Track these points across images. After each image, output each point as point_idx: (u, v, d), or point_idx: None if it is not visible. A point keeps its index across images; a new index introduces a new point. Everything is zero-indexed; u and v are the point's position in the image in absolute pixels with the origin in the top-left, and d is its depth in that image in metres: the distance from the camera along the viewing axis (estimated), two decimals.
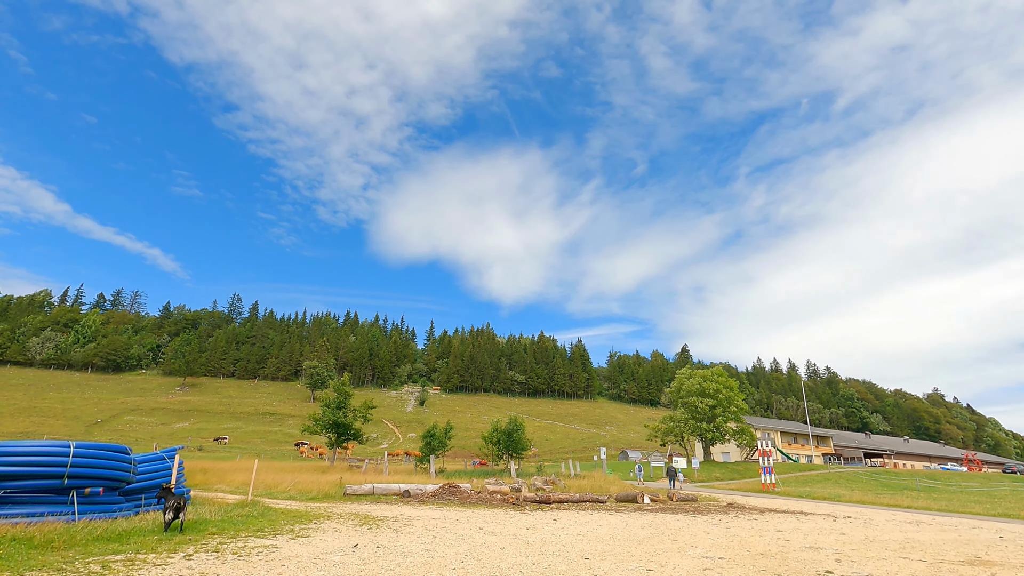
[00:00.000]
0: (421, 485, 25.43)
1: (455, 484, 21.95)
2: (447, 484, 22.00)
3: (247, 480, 30.82)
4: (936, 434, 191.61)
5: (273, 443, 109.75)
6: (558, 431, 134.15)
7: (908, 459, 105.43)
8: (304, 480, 30.20)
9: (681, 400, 73.33)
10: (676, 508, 21.63)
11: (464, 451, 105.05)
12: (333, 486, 26.55)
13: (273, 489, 27.18)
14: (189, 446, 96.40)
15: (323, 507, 18.51)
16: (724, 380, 72.17)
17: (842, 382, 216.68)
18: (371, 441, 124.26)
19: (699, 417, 69.22)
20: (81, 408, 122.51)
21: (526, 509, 19.16)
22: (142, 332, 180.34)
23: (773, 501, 29.53)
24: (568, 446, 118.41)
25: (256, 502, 17.15)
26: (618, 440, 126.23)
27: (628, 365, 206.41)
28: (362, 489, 24.08)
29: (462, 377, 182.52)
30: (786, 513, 20.78)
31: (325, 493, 24.78)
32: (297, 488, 26.15)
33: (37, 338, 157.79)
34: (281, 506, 18.15)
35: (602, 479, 40.52)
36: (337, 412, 52.08)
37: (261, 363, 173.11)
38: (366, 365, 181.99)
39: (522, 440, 61.25)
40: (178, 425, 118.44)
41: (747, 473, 63.60)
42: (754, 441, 70.32)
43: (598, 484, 35.86)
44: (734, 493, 37.52)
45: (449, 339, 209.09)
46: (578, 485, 34.57)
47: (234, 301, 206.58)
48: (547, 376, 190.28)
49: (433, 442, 60.00)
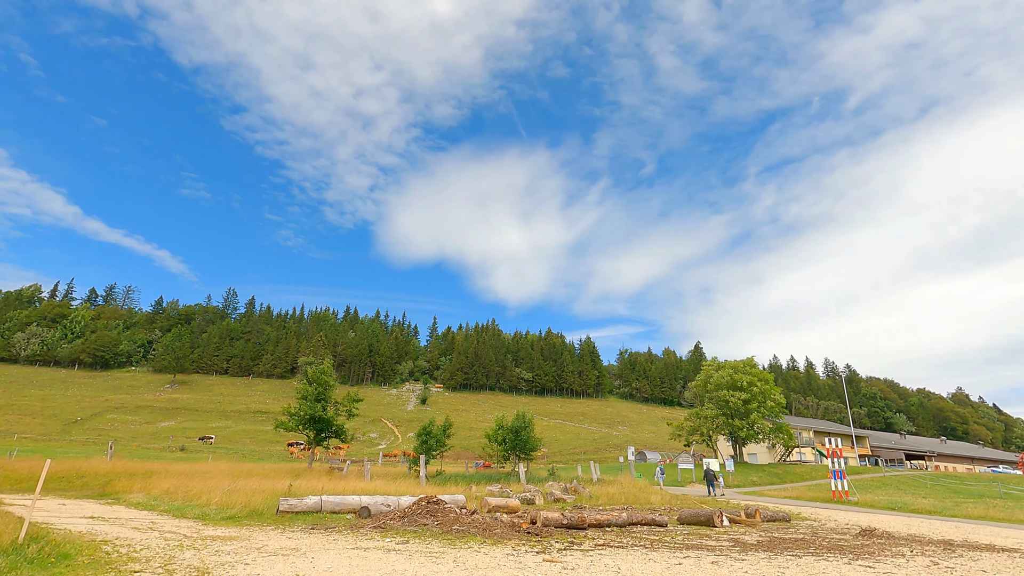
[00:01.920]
0: (394, 498, 17.72)
1: (437, 499, 14.11)
2: (426, 499, 14.18)
3: (181, 488, 23.39)
4: (964, 434, 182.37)
5: (263, 443, 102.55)
6: (568, 431, 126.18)
7: (950, 461, 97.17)
8: (246, 488, 22.63)
9: (709, 395, 65.47)
10: (785, 540, 13.67)
11: (467, 452, 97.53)
12: (272, 498, 18.87)
13: (192, 501, 19.77)
14: (171, 446, 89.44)
15: (188, 539, 10.72)
16: (758, 372, 64.30)
17: (863, 381, 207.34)
18: (369, 441, 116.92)
19: (730, 413, 61.30)
20: (62, 406, 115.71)
21: (550, 543, 11.33)
22: (133, 328, 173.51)
23: (882, 518, 21.60)
24: (579, 447, 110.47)
25: (43, 535, 9.34)
26: (632, 440, 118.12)
27: (640, 363, 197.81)
28: (304, 504, 16.42)
29: (466, 375, 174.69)
30: (966, 549, 12.88)
31: (252, 510, 17.14)
32: (220, 502, 18.48)
33: (22, 333, 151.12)
34: (120, 537, 10.39)
35: (632, 485, 32.65)
36: (315, 405, 44.38)
37: (256, 360, 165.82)
38: (366, 362, 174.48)
39: (531, 439, 53.48)
40: (163, 424, 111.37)
41: (787, 477, 55.69)
42: (792, 441, 62.25)
43: (630, 492, 28.04)
44: (802, 504, 29.53)
45: (453, 335, 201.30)
46: (607, 494, 26.73)
47: (229, 296, 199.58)
48: (555, 374, 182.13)
49: (430, 441, 52.26)
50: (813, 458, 77.13)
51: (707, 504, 24.57)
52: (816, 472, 59.10)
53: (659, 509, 20.36)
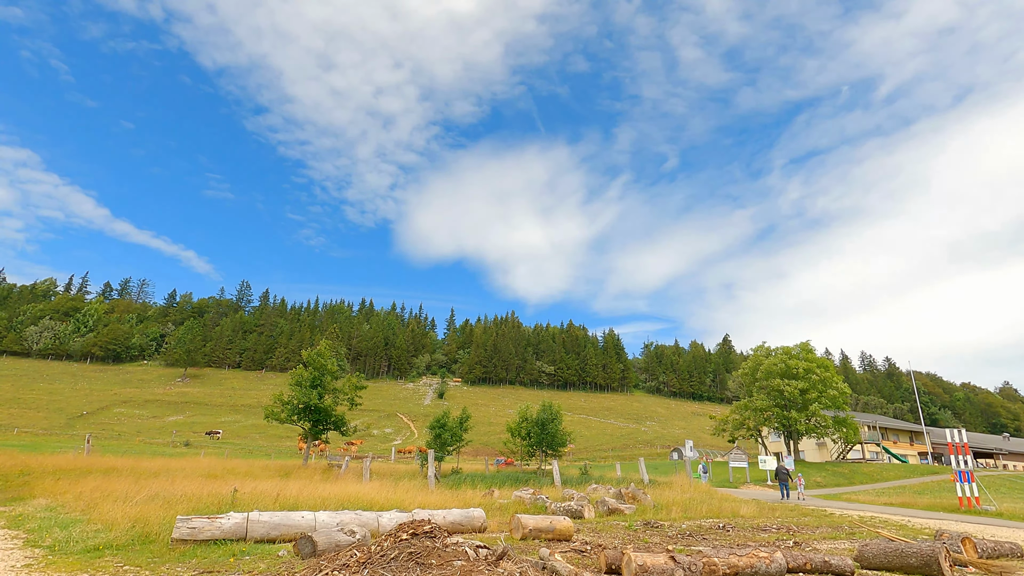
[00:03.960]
0: (372, 514, 11.19)
1: (431, 528, 7.24)
2: (413, 525, 7.35)
3: (100, 490, 17.32)
4: (1016, 431, 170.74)
5: (273, 438, 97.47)
6: (593, 426, 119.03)
7: (1015, 459, 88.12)
8: (184, 493, 16.45)
9: (758, 384, 58.03)
10: None
11: (486, 448, 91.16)
12: (193, 513, 12.43)
13: (90, 514, 13.57)
14: (174, 441, 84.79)
15: None
16: (815, 358, 56.69)
17: (903, 375, 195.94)
18: (384, 436, 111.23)
19: (785, 404, 53.78)
20: (69, 400, 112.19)
21: None
22: (147, 321, 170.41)
23: None
24: (606, 443, 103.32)
25: None
26: (663, 436, 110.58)
27: (666, 356, 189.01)
28: (218, 528, 9.89)
29: (485, 368, 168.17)
30: None
31: (139, 534, 10.68)
32: (108, 520, 12.08)
33: (35, 327, 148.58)
34: None
35: (695, 488, 25.65)
36: (310, 392, 38.14)
37: (269, 353, 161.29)
38: (381, 355, 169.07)
39: (559, 433, 46.86)
40: (171, 418, 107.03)
41: (855, 477, 48.08)
42: (856, 435, 54.42)
43: (701, 499, 21.05)
44: (928, 516, 22.14)
45: (471, 328, 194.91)
46: (675, 502, 19.79)
47: (243, 288, 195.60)
48: (578, 367, 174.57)
49: (444, 435, 45.96)
50: (876, 456, 69.05)
51: (811, 516, 17.07)
52: (888, 472, 51.31)
53: (778, 531, 13.34)
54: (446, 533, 8.01)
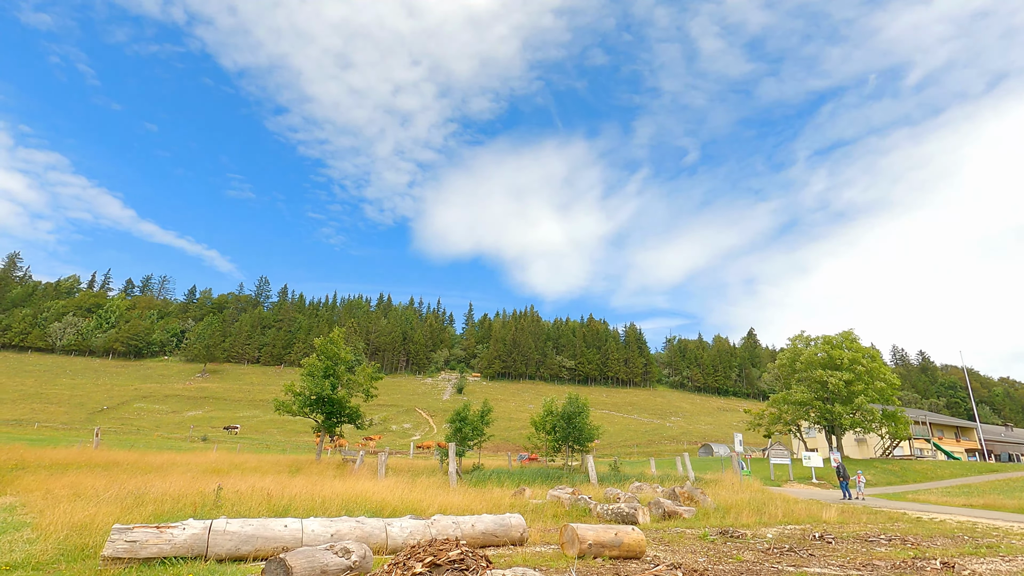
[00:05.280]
0: (377, 522, 8.49)
1: (461, 554, 4.37)
2: (432, 547, 4.50)
3: (75, 486, 15.14)
4: None
5: (291, 433, 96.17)
6: (617, 422, 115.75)
7: None
8: (164, 491, 14.06)
9: (797, 376, 54.36)
10: None
11: (507, 443, 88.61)
12: (159, 516, 9.90)
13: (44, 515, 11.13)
14: (192, 435, 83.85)
15: None
16: (860, 347, 52.91)
17: (938, 369, 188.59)
18: (403, 432, 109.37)
19: (828, 397, 50.15)
20: (90, 395, 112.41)
21: None
22: (167, 317, 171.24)
23: None
24: (631, 439, 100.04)
25: None
26: (689, 432, 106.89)
27: (690, 350, 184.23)
28: (167, 543, 7.25)
29: (504, 363, 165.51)
30: None
31: (70, 548, 8.11)
32: (52, 522, 9.58)
33: (59, 323, 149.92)
34: None
35: (749, 487, 22.63)
36: (323, 383, 35.82)
37: (287, 348, 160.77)
38: (399, 350, 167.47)
39: (587, 427, 43.92)
40: (190, 413, 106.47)
41: (907, 475, 44.42)
42: (907, 430, 50.51)
43: (764, 499, 18.09)
44: (1017, 518, 18.80)
45: (490, 323, 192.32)
46: (735, 503, 16.84)
47: (261, 284, 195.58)
48: (599, 362, 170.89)
49: (465, 428, 43.16)
50: (921, 452, 64.81)
51: (904, 521, 13.18)
52: (942, 469, 47.42)
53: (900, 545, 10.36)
54: (482, 558, 5.25)
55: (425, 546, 5.04)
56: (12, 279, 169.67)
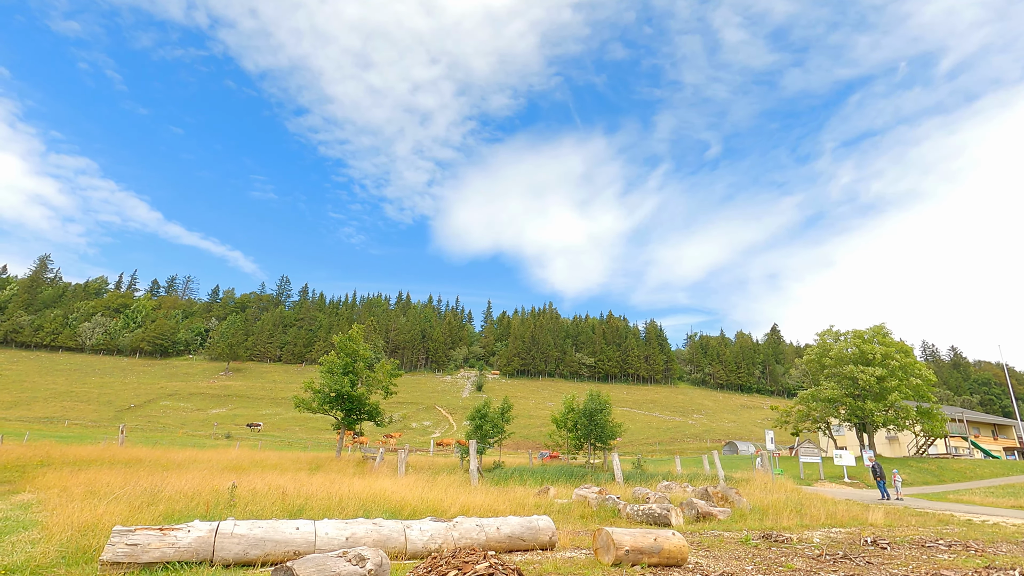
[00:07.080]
0: (396, 524, 7.87)
1: (479, 562, 3.73)
2: (456, 558, 3.82)
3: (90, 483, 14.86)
4: None
5: (312, 430, 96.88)
6: (638, 419, 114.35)
7: None
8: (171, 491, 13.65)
9: (826, 372, 52.62)
10: None
11: (527, 441, 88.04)
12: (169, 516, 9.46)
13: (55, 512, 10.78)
14: (216, 433, 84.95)
15: None
16: (893, 343, 50.99)
17: (971, 365, 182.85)
18: (423, 429, 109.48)
19: (859, 394, 48.45)
20: (118, 393, 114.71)
21: None
22: (192, 317, 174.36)
23: None
24: (652, 436, 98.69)
25: None
26: (712, 430, 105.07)
27: (712, 347, 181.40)
28: (170, 546, 6.72)
29: (523, 360, 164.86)
30: None
31: (72, 550, 7.64)
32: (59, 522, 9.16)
33: (88, 323, 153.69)
34: None
35: (783, 487, 21.65)
36: (342, 379, 35.57)
37: (308, 347, 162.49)
38: (419, 348, 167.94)
39: (609, 424, 43.23)
40: (214, 411, 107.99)
41: (945, 475, 42.69)
42: (943, 428, 48.58)
43: (800, 500, 17.16)
44: None
45: (508, 320, 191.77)
46: (771, 504, 15.94)
47: (282, 283, 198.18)
48: (619, 359, 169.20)
49: (485, 426, 42.70)
50: (956, 450, 62.48)
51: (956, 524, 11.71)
52: (982, 469, 45.47)
53: None
54: (513, 571, 4.57)
55: (448, 557, 4.40)
56: (43, 281, 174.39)
